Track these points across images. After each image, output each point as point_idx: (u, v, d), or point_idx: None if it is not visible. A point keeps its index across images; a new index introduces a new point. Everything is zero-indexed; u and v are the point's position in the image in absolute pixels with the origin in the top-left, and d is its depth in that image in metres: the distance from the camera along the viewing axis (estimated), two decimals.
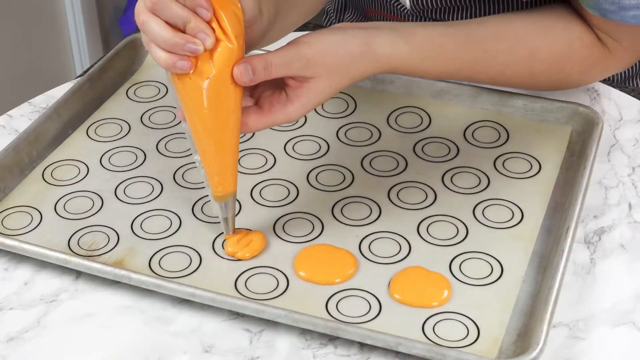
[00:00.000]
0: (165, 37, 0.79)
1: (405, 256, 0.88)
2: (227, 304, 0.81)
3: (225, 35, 0.80)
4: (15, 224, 0.91)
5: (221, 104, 0.81)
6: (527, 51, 0.97)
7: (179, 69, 0.80)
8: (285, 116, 0.84)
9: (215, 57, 0.80)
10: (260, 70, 0.81)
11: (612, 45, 0.99)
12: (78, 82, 1.06)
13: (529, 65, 0.98)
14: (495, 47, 0.96)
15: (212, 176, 0.85)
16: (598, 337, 0.82)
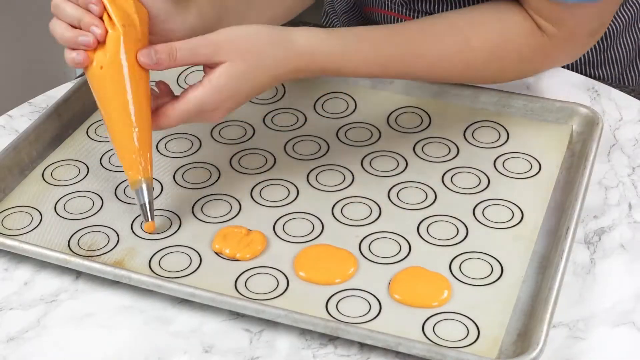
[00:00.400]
0: (65, 35, 0.87)
1: (405, 256, 0.88)
2: (227, 304, 0.81)
3: (112, 25, 0.86)
4: (15, 224, 0.91)
5: (117, 90, 0.86)
6: (461, 41, 0.96)
7: (77, 61, 0.87)
8: (197, 101, 0.85)
9: (106, 46, 0.86)
10: (165, 55, 0.84)
11: (552, 32, 0.96)
12: (78, 82, 1.06)
13: (463, 55, 0.96)
14: (425, 39, 0.95)
15: (122, 162, 0.87)
16: (598, 337, 0.82)
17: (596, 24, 0.98)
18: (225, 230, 0.90)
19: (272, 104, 1.07)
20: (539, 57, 0.99)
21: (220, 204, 0.94)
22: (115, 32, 0.86)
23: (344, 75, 0.94)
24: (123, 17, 0.86)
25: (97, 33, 0.86)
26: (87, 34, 0.86)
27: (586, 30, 0.98)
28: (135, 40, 0.86)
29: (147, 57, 0.85)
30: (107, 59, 0.86)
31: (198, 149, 1.01)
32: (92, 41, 0.86)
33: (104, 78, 0.86)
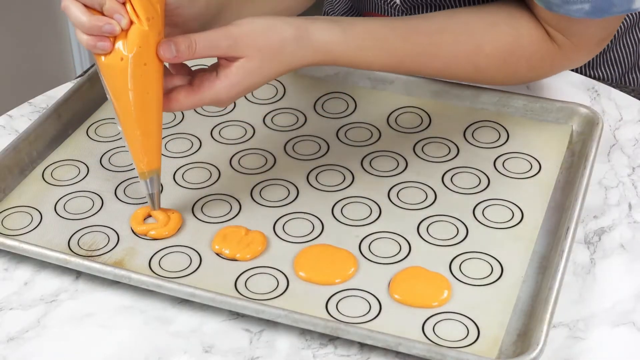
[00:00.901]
0: (84, 20, 0.83)
1: (405, 256, 0.88)
2: (227, 304, 0.81)
3: (137, 18, 0.83)
4: (15, 224, 0.91)
5: (135, 84, 0.84)
6: (472, 45, 0.97)
7: (99, 49, 0.83)
8: (213, 95, 0.86)
9: (129, 39, 0.83)
10: (184, 49, 0.84)
11: (562, 41, 0.97)
12: (78, 82, 1.06)
13: (474, 59, 0.97)
14: (438, 39, 0.96)
15: (135, 154, 0.87)
16: (598, 337, 0.82)
17: (604, 34, 0.98)
18: (225, 231, 0.90)
19: (272, 104, 1.07)
20: (548, 64, 1.00)
21: (220, 204, 0.94)
22: (140, 27, 0.83)
23: (357, 68, 0.95)
24: (148, 10, 0.84)
25: (122, 23, 0.83)
26: (112, 23, 0.83)
27: (595, 40, 0.98)
28: (157, 34, 0.85)
29: (167, 51, 0.84)
30: (126, 54, 0.83)
31: (198, 149, 1.01)
32: (118, 31, 0.83)
33: (123, 70, 0.84)
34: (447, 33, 0.96)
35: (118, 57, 0.84)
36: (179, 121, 1.05)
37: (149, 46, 0.84)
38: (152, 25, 0.84)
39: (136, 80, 0.84)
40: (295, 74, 1.10)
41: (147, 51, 0.84)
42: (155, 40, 0.84)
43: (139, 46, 0.83)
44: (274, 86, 1.09)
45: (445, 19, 0.97)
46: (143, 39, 0.83)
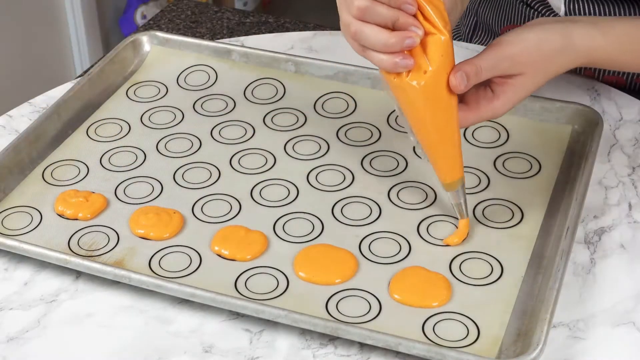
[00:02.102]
0: (383, 39, 0.81)
1: (405, 256, 0.88)
2: (227, 304, 0.81)
3: (433, 27, 0.82)
4: (15, 224, 0.92)
5: (442, 97, 0.83)
6: None
7: (402, 67, 0.81)
8: (491, 111, 0.87)
9: (429, 52, 0.82)
10: (473, 76, 0.84)
11: None
12: (78, 82, 1.06)
13: None
14: None
15: (439, 167, 0.87)
16: (598, 337, 0.82)
17: None
18: (224, 231, 0.90)
19: (272, 104, 1.07)
20: None
21: (220, 204, 0.94)
22: (440, 35, 0.81)
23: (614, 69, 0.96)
24: (442, 18, 0.82)
25: (419, 34, 0.81)
26: (412, 35, 0.81)
27: None
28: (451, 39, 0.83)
29: (461, 83, 0.83)
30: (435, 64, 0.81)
31: (198, 149, 1.01)
32: (417, 42, 0.81)
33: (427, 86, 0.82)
34: None
35: (421, 71, 0.82)
36: (179, 121, 1.05)
37: (448, 54, 0.82)
38: (448, 30, 0.82)
39: (440, 90, 0.83)
40: (295, 74, 1.10)
41: (448, 59, 0.82)
42: (451, 45, 0.83)
43: (442, 55, 0.82)
44: (274, 86, 1.09)
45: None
46: (445, 48, 0.82)
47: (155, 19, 1.50)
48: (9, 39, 2.18)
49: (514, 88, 0.87)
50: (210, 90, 1.10)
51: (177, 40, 1.15)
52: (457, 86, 0.83)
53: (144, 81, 1.11)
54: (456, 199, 0.89)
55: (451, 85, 0.83)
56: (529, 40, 0.87)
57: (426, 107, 0.83)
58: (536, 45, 0.87)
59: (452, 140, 0.86)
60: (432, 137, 0.85)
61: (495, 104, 0.87)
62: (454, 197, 0.89)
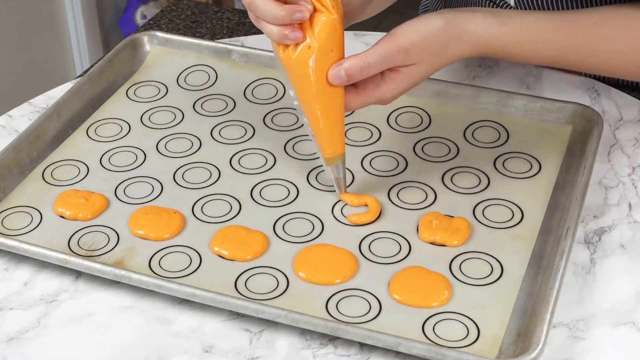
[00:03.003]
0: (274, 11, 0.84)
1: (405, 256, 0.88)
2: (227, 304, 0.81)
3: (323, 6, 0.84)
4: (15, 224, 0.92)
5: (323, 71, 0.85)
6: (631, 41, 0.95)
7: (291, 39, 0.84)
8: (378, 96, 0.88)
9: (316, 27, 0.84)
10: (357, 72, 0.85)
11: None
12: (78, 82, 1.06)
13: (634, 56, 0.96)
14: (597, 34, 0.94)
15: (321, 141, 0.89)
16: (598, 337, 0.82)
17: None
18: (224, 231, 0.90)
19: (272, 104, 1.07)
20: None
21: (220, 204, 0.94)
22: (327, 14, 0.84)
23: (514, 61, 0.95)
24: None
25: (309, 9, 0.84)
26: (302, 10, 0.83)
27: None
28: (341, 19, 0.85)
29: (337, 79, 0.85)
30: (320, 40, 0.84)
31: (198, 149, 1.01)
32: (307, 17, 0.84)
33: (312, 62, 0.85)
34: (605, 28, 0.95)
35: (306, 46, 0.85)
36: (179, 121, 1.05)
37: (335, 32, 0.85)
38: (337, 11, 0.85)
39: (324, 66, 0.85)
40: None
41: (333, 37, 0.85)
42: (340, 25, 0.85)
43: (327, 32, 0.84)
44: (274, 86, 1.09)
45: (604, 14, 0.96)
46: (331, 26, 0.84)
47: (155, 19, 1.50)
48: (9, 39, 2.18)
49: (404, 76, 0.87)
50: (210, 90, 1.10)
51: (177, 40, 1.15)
52: (333, 82, 0.85)
53: (144, 81, 1.11)
54: (336, 174, 0.92)
55: (329, 78, 0.85)
56: (423, 30, 0.87)
57: (310, 82, 0.86)
58: (431, 35, 0.87)
59: (335, 116, 0.88)
60: (316, 111, 0.88)
61: (383, 89, 0.87)
62: (334, 172, 0.91)
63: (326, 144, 0.90)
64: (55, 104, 1.03)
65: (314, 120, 0.88)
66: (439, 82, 1.06)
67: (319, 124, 0.88)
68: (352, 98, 0.88)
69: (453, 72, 1.12)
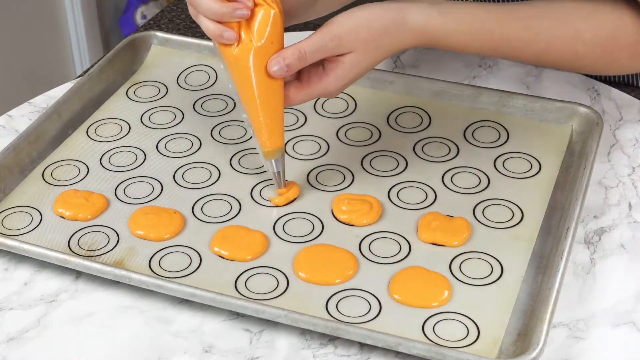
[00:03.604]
0: (215, 7, 0.84)
1: (405, 256, 0.88)
2: (227, 304, 0.81)
3: (262, 0, 0.85)
4: (15, 224, 0.92)
5: (265, 69, 0.86)
6: (571, 32, 0.96)
7: (226, 39, 0.86)
8: (322, 88, 0.89)
9: (256, 24, 0.85)
10: (295, 62, 0.86)
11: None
12: (78, 82, 1.06)
13: (574, 46, 0.96)
14: (537, 25, 0.95)
15: (260, 134, 0.90)
16: (598, 337, 0.82)
17: None
18: (224, 231, 0.90)
19: None
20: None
21: (220, 204, 0.94)
22: (268, 7, 0.85)
23: (455, 51, 0.95)
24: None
25: (250, 6, 0.85)
26: (243, 8, 0.85)
27: None
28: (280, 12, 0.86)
29: (278, 70, 0.86)
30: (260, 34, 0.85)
31: (198, 149, 1.01)
32: (248, 14, 0.85)
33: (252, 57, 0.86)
34: (545, 19, 0.95)
35: (247, 39, 0.86)
36: (179, 121, 1.05)
37: (275, 26, 0.86)
38: (277, 5, 0.86)
39: (264, 60, 0.86)
40: None
41: (274, 31, 0.86)
42: (280, 19, 0.86)
43: (267, 26, 0.85)
44: None
45: (544, 5, 0.96)
46: (272, 21, 0.85)
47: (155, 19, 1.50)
48: (9, 39, 2.18)
49: (343, 66, 0.88)
50: (210, 90, 1.10)
51: (177, 40, 1.15)
52: (274, 74, 0.86)
53: (144, 81, 1.11)
54: (275, 168, 0.92)
55: (269, 70, 0.86)
56: (358, 19, 0.88)
57: (250, 75, 0.87)
58: (365, 23, 0.88)
59: (274, 110, 0.89)
60: (256, 105, 0.88)
61: (325, 81, 0.88)
62: (273, 166, 0.92)
63: (265, 138, 0.90)
64: (55, 104, 1.03)
65: (254, 114, 0.89)
66: (439, 82, 1.06)
67: (259, 117, 0.89)
68: (297, 91, 0.89)
69: (453, 72, 1.12)
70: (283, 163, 0.92)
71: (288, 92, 0.89)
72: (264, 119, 0.89)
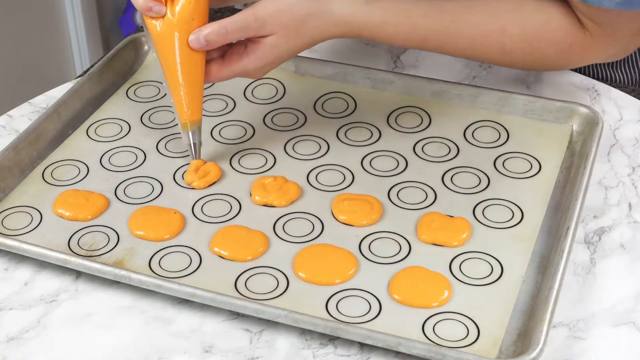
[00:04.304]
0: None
1: (405, 256, 0.88)
2: (227, 304, 0.81)
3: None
4: (15, 224, 0.92)
5: (184, 38, 0.90)
6: (497, 26, 0.96)
7: (155, 13, 0.90)
8: (242, 67, 0.92)
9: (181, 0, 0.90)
10: (216, 37, 0.89)
11: (593, 29, 0.96)
12: (78, 82, 1.06)
13: (500, 41, 0.97)
14: (463, 19, 0.96)
15: (180, 106, 0.94)
16: (598, 337, 0.82)
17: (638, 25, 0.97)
18: (224, 231, 0.90)
19: (272, 104, 1.07)
20: (577, 52, 0.99)
21: (221, 204, 0.94)
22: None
23: (380, 42, 0.96)
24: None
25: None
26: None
27: (629, 32, 0.97)
28: None
29: (196, 42, 0.89)
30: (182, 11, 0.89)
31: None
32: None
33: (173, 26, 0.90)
34: (472, 13, 0.96)
35: (172, 13, 0.90)
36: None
37: (198, 2, 0.89)
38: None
39: (187, 34, 0.90)
40: (295, 74, 1.10)
41: (196, 7, 0.90)
42: None
43: (190, 2, 0.89)
44: (274, 86, 1.09)
45: (472, 0, 0.97)
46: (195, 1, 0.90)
47: None
48: (9, 39, 2.18)
49: (264, 47, 0.91)
50: (210, 90, 1.10)
51: None
52: (194, 46, 0.90)
53: (144, 81, 1.11)
54: (191, 139, 0.95)
55: (190, 43, 0.90)
56: (282, 3, 0.90)
57: (174, 48, 0.90)
58: (288, 9, 0.90)
59: (194, 83, 0.92)
60: (177, 77, 0.92)
61: (245, 61, 0.91)
62: (190, 137, 0.95)
63: (185, 109, 0.93)
64: (55, 104, 1.03)
65: (175, 86, 0.92)
66: (439, 82, 1.06)
67: (179, 89, 0.92)
68: (218, 68, 0.92)
69: (453, 72, 1.12)
70: (199, 136, 0.95)
71: (211, 68, 0.92)
72: (184, 91, 0.92)
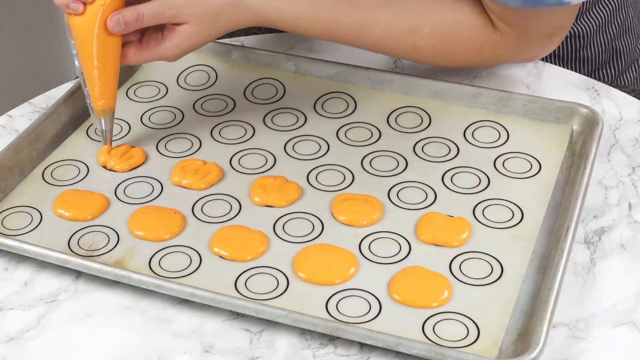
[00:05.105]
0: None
1: (405, 256, 0.88)
2: (227, 304, 0.81)
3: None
4: (15, 224, 0.92)
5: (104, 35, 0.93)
6: (409, 24, 0.99)
7: (72, 9, 0.92)
8: (159, 52, 0.95)
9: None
10: (132, 22, 0.93)
11: (504, 29, 0.98)
12: (78, 82, 1.06)
13: (411, 38, 0.99)
14: (376, 15, 0.98)
15: (94, 93, 0.96)
16: (598, 337, 0.82)
17: (550, 27, 0.99)
18: (224, 231, 0.90)
19: (272, 104, 1.07)
20: (488, 52, 1.01)
21: (221, 204, 0.94)
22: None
23: (294, 33, 1.00)
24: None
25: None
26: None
27: (539, 32, 0.99)
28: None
29: (116, 25, 0.91)
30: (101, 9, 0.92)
31: (198, 149, 1.01)
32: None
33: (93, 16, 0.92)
34: (384, 9, 0.99)
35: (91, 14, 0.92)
36: (179, 121, 1.05)
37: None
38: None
39: (102, 25, 0.92)
40: (295, 74, 1.10)
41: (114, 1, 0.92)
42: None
43: None
44: (274, 86, 1.09)
45: None
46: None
47: None
48: (9, 39, 2.18)
49: (179, 35, 0.94)
50: (210, 90, 1.10)
51: None
52: (113, 28, 0.92)
53: (144, 81, 1.11)
54: (103, 126, 0.97)
55: (108, 27, 0.92)
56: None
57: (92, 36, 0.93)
58: None
59: (110, 70, 0.95)
60: (93, 64, 0.94)
61: (162, 46, 0.95)
62: (102, 124, 0.97)
63: (99, 96, 0.95)
64: (55, 104, 1.03)
65: (90, 71, 0.94)
66: (439, 82, 1.06)
67: (94, 76, 0.94)
68: (136, 52, 0.95)
69: (453, 72, 1.12)
70: (112, 122, 0.97)
71: (128, 51, 0.95)
72: (99, 78, 0.94)
